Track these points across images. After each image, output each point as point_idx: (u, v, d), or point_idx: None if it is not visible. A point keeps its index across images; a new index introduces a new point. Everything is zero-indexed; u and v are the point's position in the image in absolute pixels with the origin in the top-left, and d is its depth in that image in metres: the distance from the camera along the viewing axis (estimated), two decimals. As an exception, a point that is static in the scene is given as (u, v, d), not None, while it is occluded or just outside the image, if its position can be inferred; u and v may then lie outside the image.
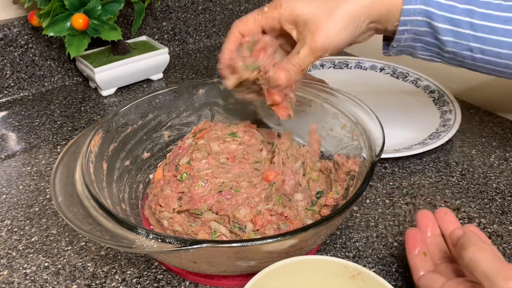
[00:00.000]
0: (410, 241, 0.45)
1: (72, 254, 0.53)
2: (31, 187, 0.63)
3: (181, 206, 0.51)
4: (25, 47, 0.83)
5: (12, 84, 0.84)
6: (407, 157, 0.68)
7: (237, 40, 0.50)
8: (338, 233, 0.55)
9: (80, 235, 0.55)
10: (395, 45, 0.51)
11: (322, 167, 0.56)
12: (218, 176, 0.52)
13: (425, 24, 0.48)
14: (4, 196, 0.62)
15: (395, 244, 0.54)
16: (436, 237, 0.46)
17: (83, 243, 0.54)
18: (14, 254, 0.53)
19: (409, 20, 0.48)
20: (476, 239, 0.37)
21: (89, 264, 0.51)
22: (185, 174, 0.52)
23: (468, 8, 0.46)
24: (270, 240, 0.40)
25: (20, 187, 0.63)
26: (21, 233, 0.56)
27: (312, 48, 0.48)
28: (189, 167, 0.53)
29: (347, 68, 0.90)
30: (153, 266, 0.51)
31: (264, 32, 0.51)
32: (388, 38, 0.54)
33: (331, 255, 0.52)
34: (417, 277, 0.42)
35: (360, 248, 0.53)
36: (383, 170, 0.66)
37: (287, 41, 0.52)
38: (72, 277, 0.50)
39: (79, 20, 0.73)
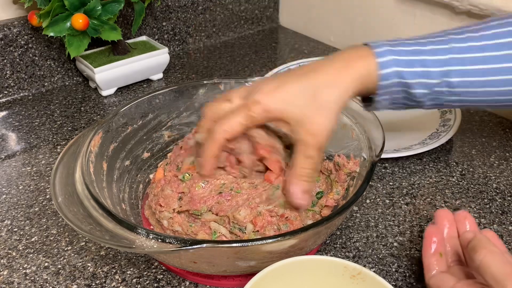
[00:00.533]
0: (428, 239, 0.44)
1: (72, 254, 0.53)
2: (31, 187, 0.63)
3: (181, 207, 0.51)
4: (25, 47, 0.83)
5: (12, 84, 0.84)
6: (407, 157, 0.68)
7: (220, 146, 0.47)
8: (338, 233, 0.55)
9: (80, 235, 0.55)
10: (373, 108, 0.51)
11: (322, 168, 0.56)
12: (219, 178, 0.52)
13: (402, 92, 0.48)
14: (4, 196, 0.62)
15: (395, 244, 0.54)
16: (452, 239, 0.45)
17: (83, 243, 0.54)
18: (14, 254, 0.53)
19: (387, 92, 0.47)
20: (487, 242, 0.38)
21: (89, 264, 0.51)
22: (187, 175, 0.52)
23: (445, 71, 0.46)
24: (270, 241, 0.40)
25: (20, 187, 0.63)
26: (21, 233, 0.56)
27: (319, 149, 0.46)
28: (193, 167, 0.53)
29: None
30: (153, 266, 0.51)
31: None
32: (366, 99, 0.53)
33: (331, 255, 0.52)
34: (429, 276, 0.42)
35: (360, 248, 0.53)
36: (383, 170, 0.66)
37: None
38: (72, 277, 0.50)
39: (79, 20, 0.73)
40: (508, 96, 0.48)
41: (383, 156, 0.64)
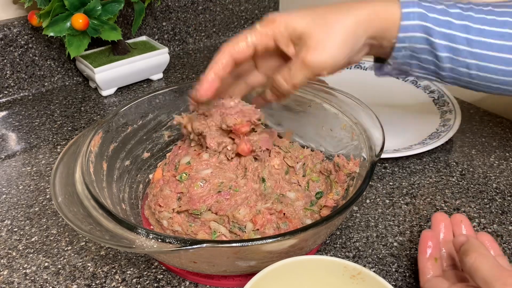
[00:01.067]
0: (424, 244, 0.45)
1: (72, 254, 0.53)
2: (31, 187, 0.63)
3: (180, 207, 0.51)
4: (25, 47, 0.83)
5: (12, 84, 0.84)
6: (407, 157, 0.68)
7: (226, 65, 0.46)
8: (338, 233, 0.55)
9: (80, 235, 0.55)
10: (391, 63, 0.50)
11: (322, 168, 0.56)
12: (217, 176, 0.52)
13: (423, 40, 0.47)
14: (4, 196, 0.62)
15: (395, 244, 0.54)
16: (447, 243, 0.46)
17: (83, 243, 0.54)
18: (14, 254, 0.53)
19: (407, 37, 0.47)
20: (478, 245, 0.38)
21: (89, 264, 0.51)
22: (184, 175, 0.52)
23: (464, 24, 0.46)
24: (270, 240, 0.40)
25: (20, 187, 0.63)
26: (21, 233, 0.56)
27: (306, 62, 0.45)
28: (189, 167, 0.53)
29: (347, 68, 0.90)
30: (153, 266, 0.51)
31: (254, 56, 0.48)
32: (379, 60, 0.53)
33: (331, 255, 0.52)
34: (424, 280, 0.43)
35: (360, 248, 0.53)
36: (383, 170, 0.66)
37: (282, 62, 0.49)
38: (72, 277, 0.50)
39: (79, 20, 0.73)
40: None
41: (383, 156, 0.64)
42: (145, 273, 0.50)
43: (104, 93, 0.85)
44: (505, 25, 0.46)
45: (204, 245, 0.39)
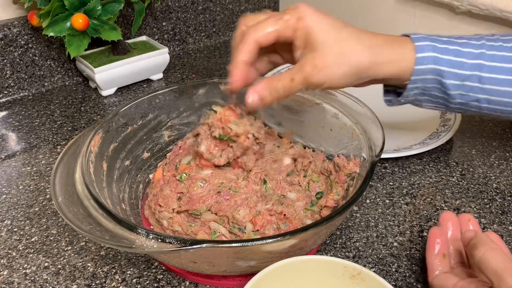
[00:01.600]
0: (432, 240, 0.45)
1: (72, 254, 0.53)
2: (31, 187, 0.63)
3: (180, 207, 0.51)
4: (25, 47, 0.83)
5: (12, 84, 0.84)
6: (407, 157, 0.68)
7: (252, 51, 0.46)
8: (338, 233, 0.55)
9: (80, 235, 0.55)
10: (402, 100, 0.52)
11: (322, 169, 0.56)
12: (217, 177, 0.52)
13: (434, 81, 0.48)
14: (4, 196, 0.62)
15: (395, 244, 0.54)
16: (455, 241, 0.46)
17: (83, 243, 0.54)
18: (14, 254, 0.53)
19: (419, 79, 0.48)
20: (487, 240, 0.38)
21: (89, 264, 0.51)
22: (184, 175, 0.52)
23: (477, 63, 0.47)
24: (270, 240, 0.40)
25: (20, 187, 0.63)
26: (21, 233, 0.56)
27: (307, 80, 0.45)
28: (189, 167, 0.53)
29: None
30: (153, 266, 0.51)
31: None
32: (388, 88, 0.54)
33: (331, 255, 0.52)
34: (432, 276, 0.43)
35: (360, 248, 0.53)
36: (383, 170, 0.66)
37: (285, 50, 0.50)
38: (72, 277, 0.50)
39: (79, 20, 0.73)
40: None
41: (383, 156, 0.64)
42: (145, 273, 0.50)
43: (104, 93, 0.85)
44: None
45: (204, 245, 0.39)
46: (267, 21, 0.46)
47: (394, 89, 0.54)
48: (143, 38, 0.93)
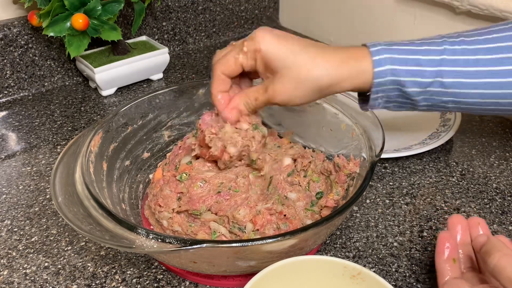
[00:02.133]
0: (441, 245, 0.44)
1: (72, 254, 0.53)
2: (31, 187, 0.63)
3: (180, 207, 0.51)
4: (25, 47, 0.83)
5: (12, 84, 0.84)
6: (407, 157, 0.68)
7: (223, 81, 0.50)
8: (338, 233, 0.55)
9: (80, 235, 0.55)
10: (368, 108, 0.52)
11: (322, 169, 0.56)
12: (217, 177, 0.52)
13: (396, 90, 0.48)
14: (4, 196, 0.62)
15: (395, 244, 0.54)
16: (465, 245, 0.45)
17: (83, 243, 0.54)
18: (14, 254, 0.53)
19: (380, 90, 0.48)
20: (501, 245, 0.37)
21: (89, 264, 0.51)
22: (184, 175, 0.52)
23: (438, 70, 0.47)
24: (270, 240, 0.40)
25: (20, 187, 0.63)
26: (21, 233, 0.56)
27: (270, 101, 0.49)
28: (189, 167, 0.53)
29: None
30: (153, 266, 0.51)
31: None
32: (362, 93, 0.54)
33: (331, 255, 0.52)
34: (442, 282, 0.42)
35: (360, 248, 0.53)
36: (383, 170, 0.66)
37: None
38: (72, 277, 0.50)
39: (79, 20, 0.73)
40: (501, 99, 0.48)
41: (383, 156, 0.64)
42: (145, 273, 0.50)
43: (104, 93, 0.85)
44: (478, 62, 0.47)
45: (204, 245, 0.39)
46: (229, 56, 0.49)
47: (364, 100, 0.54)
48: (143, 38, 0.93)
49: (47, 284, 0.49)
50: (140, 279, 0.50)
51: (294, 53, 0.47)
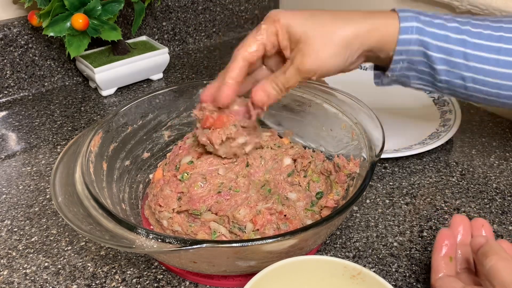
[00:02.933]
0: (440, 241, 0.43)
1: (72, 254, 0.53)
2: (31, 187, 0.63)
3: (180, 206, 0.51)
4: (25, 47, 0.83)
5: (12, 84, 0.84)
6: (407, 157, 0.68)
7: (242, 69, 0.48)
8: (338, 233, 0.55)
9: (80, 235, 0.55)
10: (389, 75, 0.51)
11: (322, 169, 0.56)
12: (217, 177, 0.52)
13: (420, 53, 0.48)
14: (4, 196, 0.62)
15: (395, 244, 0.54)
16: (464, 246, 0.44)
17: (83, 243, 0.54)
18: (14, 254, 0.53)
19: (404, 50, 0.48)
20: (499, 248, 0.37)
21: (89, 264, 0.51)
22: (186, 174, 0.52)
23: (461, 38, 0.47)
24: (270, 240, 0.40)
25: (20, 187, 0.63)
26: (21, 233, 0.56)
27: (300, 69, 0.47)
28: (190, 167, 0.53)
29: (347, 68, 0.90)
30: (153, 266, 0.51)
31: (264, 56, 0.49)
32: (379, 68, 0.53)
33: (331, 255, 0.52)
34: (436, 277, 0.41)
35: (360, 248, 0.53)
36: (383, 170, 0.66)
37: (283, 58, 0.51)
38: (72, 277, 0.50)
39: (79, 20, 0.73)
40: None
41: (383, 156, 0.64)
42: (145, 273, 0.50)
43: (104, 93, 0.85)
44: (501, 39, 0.47)
45: (204, 245, 0.39)
46: (249, 38, 0.48)
47: (383, 71, 0.53)
48: (143, 38, 0.93)
49: (47, 284, 0.49)
50: (140, 279, 0.50)
51: (314, 15, 0.47)
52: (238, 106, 0.50)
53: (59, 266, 0.51)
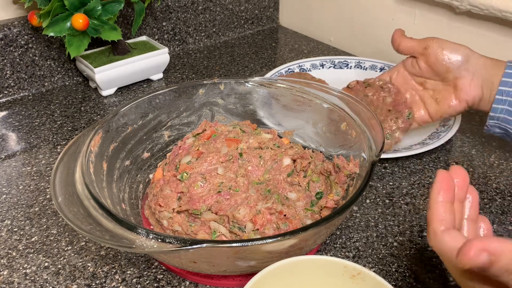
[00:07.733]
0: (439, 185, 0.36)
1: (72, 254, 0.53)
2: (31, 187, 0.63)
3: (180, 206, 0.51)
4: (25, 47, 0.83)
5: (12, 84, 0.84)
6: (407, 157, 0.68)
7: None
8: (338, 233, 0.55)
9: (80, 235, 0.55)
10: (491, 114, 0.59)
11: (322, 169, 0.56)
12: (217, 176, 0.52)
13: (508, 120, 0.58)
14: (4, 196, 0.62)
15: (395, 244, 0.54)
16: (458, 203, 0.39)
17: (83, 243, 0.54)
18: (14, 254, 0.53)
19: (496, 116, 0.59)
20: None
21: (89, 264, 0.51)
22: (185, 174, 0.52)
23: None
24: (270, 240, 0.40)
25: (20, 187, 0.63)
26: (21, 233, 0.56)
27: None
28: (190, 167, 0.53)
29: (347, 68, 0.90)
30: (153, 266, 0.51)
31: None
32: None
33: (331, 255, 0.52)
34: (438, 227, 0.34)
35: (360, 248, 0.53)
36: (383, 170, 0.66)
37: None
38: (72, 277, 0.50)
39: (79, 20, 0.73)
40: None
41: (383, 156, 0.64)
42: (145, 273, 0.50)
43: (104, 93, 0.85)
44: None
45: (204, 245, 0.39)
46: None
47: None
48: (143, 38, 0.93)
49: (47, 284, 0.49)
50: (140, 279, 0.50)
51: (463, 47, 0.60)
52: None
53: (59, 266, 0.51)
